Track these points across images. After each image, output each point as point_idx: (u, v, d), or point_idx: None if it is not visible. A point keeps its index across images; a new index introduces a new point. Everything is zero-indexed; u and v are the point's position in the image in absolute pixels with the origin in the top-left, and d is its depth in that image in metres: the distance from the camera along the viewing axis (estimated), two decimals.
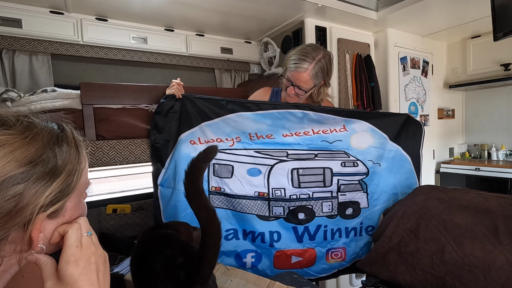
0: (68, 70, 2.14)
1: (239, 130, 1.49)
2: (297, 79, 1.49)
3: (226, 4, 1.98)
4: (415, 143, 1.78)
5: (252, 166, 1.50)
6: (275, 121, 1.51)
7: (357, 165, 1.64)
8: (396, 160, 1.72)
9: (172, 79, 1.50)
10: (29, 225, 0.43)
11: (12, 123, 0.44)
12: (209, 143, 1.45)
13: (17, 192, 0.41)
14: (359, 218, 1.68)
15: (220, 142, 1.47)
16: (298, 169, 1.55)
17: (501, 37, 1.82)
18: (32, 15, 1.85)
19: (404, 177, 1.75)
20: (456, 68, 3.18)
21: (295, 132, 1.54)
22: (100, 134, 1.40)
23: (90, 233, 0.52)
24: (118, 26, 2.16)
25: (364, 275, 1.56)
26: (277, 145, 1.53)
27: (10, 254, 0.44)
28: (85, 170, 0.54)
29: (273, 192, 1.53)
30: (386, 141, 1.70)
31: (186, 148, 1.43)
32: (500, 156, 3.08)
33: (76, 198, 0.52)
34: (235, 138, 1.49)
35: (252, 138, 1.50)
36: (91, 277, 0.48)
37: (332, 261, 1.67)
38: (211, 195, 1.50)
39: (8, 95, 1.25)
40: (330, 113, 1.59)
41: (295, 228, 1.58)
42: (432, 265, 1.20)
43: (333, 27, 2.37)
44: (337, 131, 1.60)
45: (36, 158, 0.43)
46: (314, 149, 1.58)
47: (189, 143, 1.43)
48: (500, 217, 1.18)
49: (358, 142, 1.64)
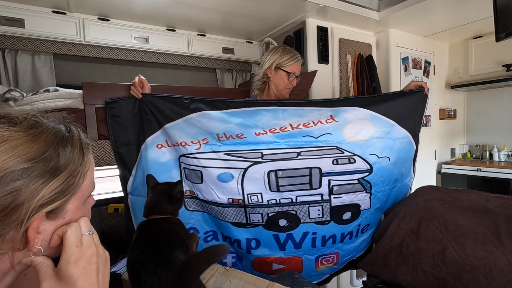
0: (70, 70, 2.14)
1: (205, 131, 1.31)
2: (298, 69, 1.58)
3: (228, 4, 1.98)
4: (419, 124, 1.53)
5: (223, 171, 1.33)
6: (246, 119, 1.31)
7: (354, 161, 1.38)
8: (406, 151, 1.49)
9: (174, 79, 1.49)
10: (25, 223, 0.42)
11: (18, 121, 0.45)
12: (176, 146, 1.34)
13: (14, 188, 0.41)
14: (357, 221, 1.49)
15: (186, 146, 1.32)
16: (277, 171, 1.34)
17: (503, 37, 1.82)
18: (35, 15, 1.86)
19: (406, 167, 1.56)
20: (458, 68, 3.17)
21: (270, 129, 1.33)
22: (102, 133, 1.40)
23: (92, 231, 0.51)
24: (120, 26, 2.16)
25: (365, 275, 1.55)
26: (249, 145, 1.33)
27: (5, 252, 0.43)
28: (90, 173, 0.53)
29: (249, 198, 1.35)
30: (394, 128, 1.43)
31: (153, 153, 1.34)
32: (501, 156, 3.07)
33: (78, 201, 0.51)
34: (201, 140, 1.32)
35: (220, 139, 1.31)
36: (90, 278, 0.47)
37: (322, 267, 1.54)
38: (186, 198, 1.41)
39: (11, 94, 1.25)
40: (313, 105, 1.37)
41: (276, 236, 1.43)
42: (433, 266, 1.20)
43: (335, 27, 2.37)
44: (322, 123, 1.35)
45: (38, 156, 0.43)
46: (295, 146, 1.35)
47: (156, 147, 1.34)
48: (501, 218, 1.18)
49: (354, 133, 1.38)
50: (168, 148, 1.36)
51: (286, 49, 1.57)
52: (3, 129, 0.42)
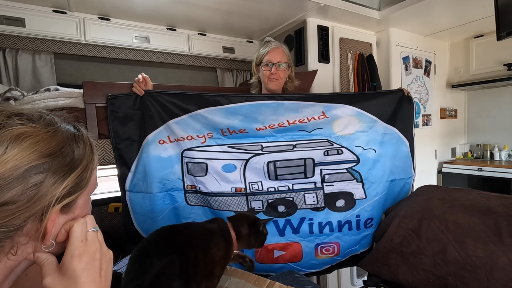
0: (71, 69, 2.15)
1: (210, 126, 1.42)
2: (276, 55, 1.52)
3: (228, 3, 1.98)
4: (409, 122, 1.68)
5: (227, 162, 1.46)
6: (248, 115, 1.44)
7: (342, 152, 1.55)
8: (393, 143, 1.63)
9: (174, 79, 1.50)
10: (46, 215, 0.44)
11: (36, 118, 0.47)
12: (180, 141, 1.41)
13: (38, 181, 0.43)
14: (354, 210, 1.59)
15: (192, 140, 1.42)
16: (275, 162, 1.49)
17: (505, 36, 1.82)
18: (35, 14, 1.86)
19: (402, 162, 1.66)
20: (458, 67, 3.17)
21: (269, 125, 1.47)
22: (103, 132, 1.40)
23: (96, 229, 0.53)
24: (120, 26, 2.17)
25: (365, 274, 1.56)
26: (250, 139, 1.48)
27: (24, 244, 0.45)
28: (95, 170, 0.55)
29: (251, 186, 1.48)
30: (376, 124, 1.59)
31: (155, 149, 1.39)
32: (502, 156, 3.07)
33: (86, 195, 0.53)
34: (206, 134, 1.43)
35: (224, 134, 1.44)
36: (93, 274, 0.48)
37: (322, 256, 1.61)
38: (187, 193, 1.47)
39: (12, 93, 1.25)
40: (308, 100, 1.51)
41: (276, 222, 1.54)
42: (434, 265, 1.20)
43: (335, 26, 2.37)
44: (315, 119, 1.51)
45: (57, 151, 0.46)
46: (291, 140, 1.51)
47: (158, 143, 1.39)
48: (502, 217, 1.18)
49: (342, 128, 1.55)
50: (170, 144, 1.41)
51: (263, 44, 1.58)
52: (26, 126, 0.44)
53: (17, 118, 0.44)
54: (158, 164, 1.40)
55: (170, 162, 1.42)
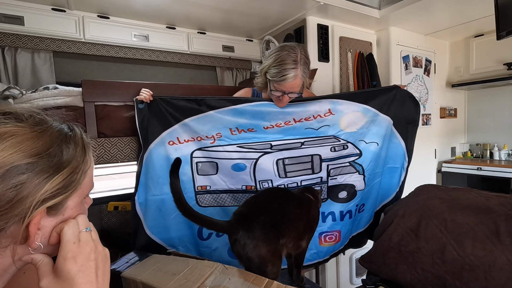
0: (70, 67, 2.14)
1: (219, 126, 1.45)
2: (291, 87, 1.38)
3: (228, 1, 1.98)
4: (410, 111, 1.75)
5: (237, 162, 1.48)
6: (255, 115, 1.47)
7: (347, 147, 1.61)
8: (388, 133, 1.70)
9: (174, 77, 1.49)
10: (27, 217, 0.43)
11: (24, 118, 0.46)
12: (191, 141, 1.44)
13: (19, 181, 0.42)
14: (355, 201, 1.67)
15: (201, 140, 1.44)
16: (284, 159, 1.53)
17: (505, 36, 1.82)
18: (34, 13, 1.85)
19: (393, 151, 1.76)
20: (458, 67, 3.16)
21: (276, 124, 1.51)
22: (102, 131, 1.40)
23: (89, 228, 0.51)
24: (120, 24, 2.16)
25: (364, 273, 1.56)
26: (259, 138, 1.51)
27: (6, 246, 0.44)
28: (90, 172, 0.54)
29: (261, 185, 1.52)
30: (378, 116, 1.65)
31: (164, 150, 1.39)
32: (502, 155, 3.07)
33: (78, 198, 0.52)
34: (215, 134, 1.46)
35: (233, 133, 1.47)
36: (89, 275, 0.47)
37: (326, 244, 1.68)
38: (198, 195, 1.48)
39: (10, 92, 1.25)
40: (312, 100, 1.56)
41: None
42: (432, 265, 1.20)
43: (335, 25, 2.36)
44: (321, 116, 1.55)
45: (42, 152, 0.44)
46: (299, 137, 1.55)
47: (168, 144, 1.40)
48: (501, 217, 1.18)
49: (348, 124, 1.60)
50: (179, 145, 1.43)
51: (278, 59, 1.35)
52: (10, 125, 0.43)
53: (4, 117, 0.43)
54: (167, 165, 1.38)
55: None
